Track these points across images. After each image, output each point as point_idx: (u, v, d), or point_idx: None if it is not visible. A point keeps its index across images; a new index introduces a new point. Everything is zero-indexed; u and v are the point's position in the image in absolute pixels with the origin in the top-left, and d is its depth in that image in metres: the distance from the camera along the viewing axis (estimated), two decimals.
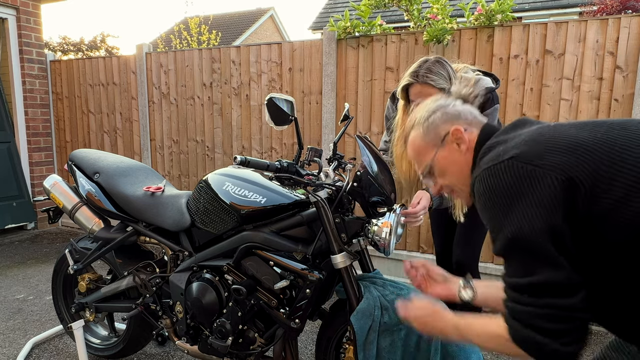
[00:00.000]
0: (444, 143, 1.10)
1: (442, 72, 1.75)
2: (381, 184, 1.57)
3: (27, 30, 4.85)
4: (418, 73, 1.75)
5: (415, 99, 1.80)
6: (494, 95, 1.84)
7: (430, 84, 1.73)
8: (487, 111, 1.83)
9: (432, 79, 1.73)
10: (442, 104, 1.14)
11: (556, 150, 0.87)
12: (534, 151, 0.88)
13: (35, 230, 5.04)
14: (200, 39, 11.82)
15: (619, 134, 0.87)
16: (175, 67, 4.29)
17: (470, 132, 1.08)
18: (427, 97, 1.75)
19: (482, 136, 1.06)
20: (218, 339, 1.74)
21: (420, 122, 1.14)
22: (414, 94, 1.79)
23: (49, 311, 2.96)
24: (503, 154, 0.92)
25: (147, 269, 2.05)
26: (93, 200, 2.10)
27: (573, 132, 0.90)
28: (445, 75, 1.75)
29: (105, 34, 14.66)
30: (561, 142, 0.88)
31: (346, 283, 1.57)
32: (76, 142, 5.03)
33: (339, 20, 3.45)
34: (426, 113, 1.14)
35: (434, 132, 1.11)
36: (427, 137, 1.12)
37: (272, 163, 1.57)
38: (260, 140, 3.95)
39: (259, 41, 13.12)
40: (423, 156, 1.14)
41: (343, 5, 12.19)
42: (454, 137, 1.08)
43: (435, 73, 1.74)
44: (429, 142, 1.12)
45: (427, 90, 1.74)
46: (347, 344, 1.68)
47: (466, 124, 1.09)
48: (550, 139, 0.90)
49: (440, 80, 1.74)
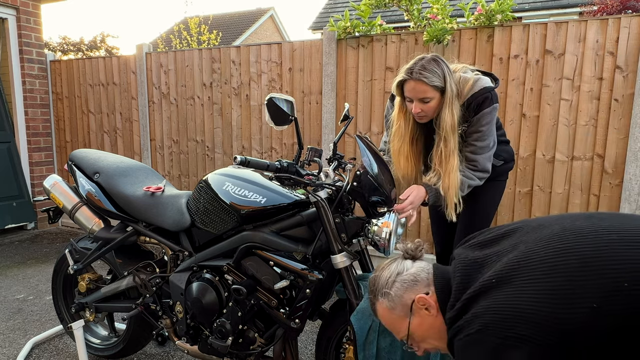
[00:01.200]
0: (412, 312, 1.12)
1: (436, 70, 1.76)
2: (381, 184, 1.57)
3: (27, 30, 4.85)
4: (413, 70, 1.76)
5: (409, 96, 1.81)
6: (493, 95, 1.84)
7: (423, 81, 1.74)
8: (485, 110, 1.83)
9: (426, 77, 1.74)
10: (396, 270, 1.17)
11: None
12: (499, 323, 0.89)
13: (35, 230, 5.04)
14: (201, 39, 11.82)
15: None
16: (175, 67, 4.29)
17: (432, 294, 1.11)
18: (421, 94, 1.77)
19: (441, 295, 1.08)
20: (218, 339, 1.74)
21: (384, 294, 1.16)
22: (408, 90, 1.81)
23: (49, 311, 2.96)
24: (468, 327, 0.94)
25: (147, 269, 2.05)
26: (93, 200, 2.10)
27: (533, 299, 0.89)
28: (439, 74, 1.76)
29: (105, 34, 14.64)
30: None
31: (346, 283, 1.57)
32: (76, 142, 5.03)
33: (339, 20, 3.45)
34: (386, 285, 1.16)
35: (400, 305, 1.14)
36: (396, 311, 1.14)
37: (272, 163, 1.57)
38: (260, 140, 3.95)
39: (259, 41, 13.12)
40: (399, 328, 1.16)
41: (343, 5, 12.19)
42: (420, 305, 1.11)
43: (429, 71, 1.75)
44: (399, 314, 1.14)
45: (420, 87, 1.76)
46: (347, 344, 1.68)
47: (426, 287, 1.12)
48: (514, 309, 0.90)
49: (434, 78, 1.75)
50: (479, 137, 1.87)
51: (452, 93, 1.78)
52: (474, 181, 1.89)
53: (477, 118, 1.84)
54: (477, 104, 1.83)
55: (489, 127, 1.86)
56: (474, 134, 1.87)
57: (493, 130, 1.89)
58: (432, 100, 1.79)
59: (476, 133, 1.87)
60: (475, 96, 1.83)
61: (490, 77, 1.91)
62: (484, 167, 1.89)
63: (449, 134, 1.80)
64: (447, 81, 1.77)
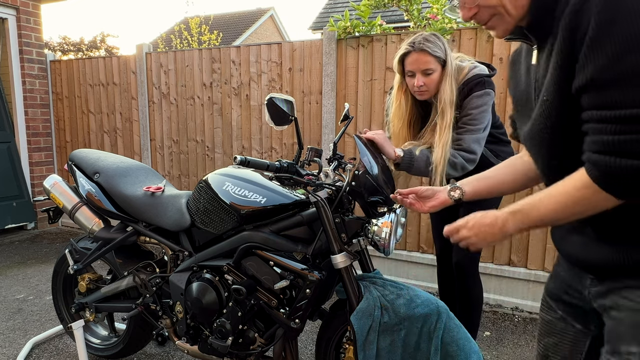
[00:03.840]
0: None
1: (438, 42, 1.81)
2: (380, 184, 1.57)
3: (27, 30, 4.85)
4: (415, 42, 1.80)
5: (411, 69, 1.83)
6: (487, 81, 1.84)
7: (426, 51, 1.78)
8: (476, 93, 1.83)
9: (428, 47, 1.78)
10: None
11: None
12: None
13: (35, 230, 5.04)
14: (201, 39, 11.83)
15: None
16: (175, 67, 4.29)
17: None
18: (423, 65, 1.79)
19: None
20: (218, 339, 1.74)
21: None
22: (410, 62, 1.83)
23: (49, 311, 2.96)
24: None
25: (147, 269, 2.05)
26: (93, 200, 2.10)
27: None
28: (441, 46, 1.81)
29: (105, 34, 14.66)
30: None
31: (346, 283, 1.57)
32: (76, 142, 5.03)
33: (339, 20, 3.45)
34: None
35: None
36: None
37: (272, 163, 1.57)
38: (260, 140, 3.95)
39: (259, 41, 13.12)
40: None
41: (343, 5, 12.19)
42: None
43: (431, 42, 1.79)
44: None
45: (423, 57, 1.79)
46: (347, 344, 1.68)
47: None
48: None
49: (436, 49, 1.79)
50: (468, 120, 1.85)
51: (452, 68, 1.82)
52: (457, 159, 1.83)
53: (467, 101, 1.84)
54: (469, 88, 1.84)
55: (479, 112, 1.84)
56: (464, 117, 1.86)
57: (485, 117, 1.85)
58: (434, 73, 1.81)
59: (466, 116, 1.86)
60: (468, 81, 1.84)
61: (488, 67, 1.91)
62: (468, 146, 1.84)
63: (446, 107, 1.82)
64: (447, 54, 1.81)
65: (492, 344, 2.59)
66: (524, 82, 1.00)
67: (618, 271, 0.86)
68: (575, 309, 1.01)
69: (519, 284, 3.05)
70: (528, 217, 0.90)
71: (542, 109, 0.88)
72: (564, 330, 1.04)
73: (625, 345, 0.84)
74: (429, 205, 1.27)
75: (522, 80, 1.02)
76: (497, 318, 2.93)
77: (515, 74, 1.06)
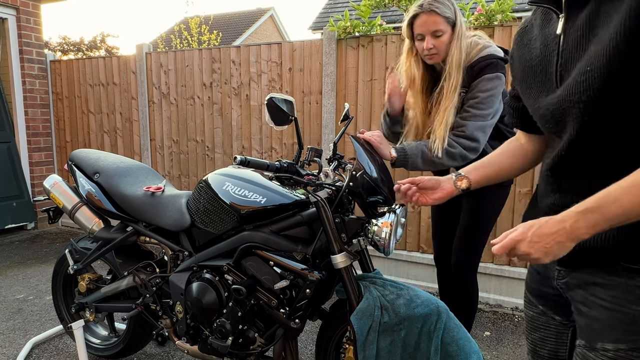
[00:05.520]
0: None
1: (447, 2, 1.77)
2: (379, 184, 1.57)
3: (27, 30, 4.85)
4: (423, 3, 1.77)
5: (421, 31, 1.79)
6: (499, 64, 1.78)
7: (435, 11, 1.74)
8: (487, 75, 1.76)
9: (437, 7, 1.75)
10: None
11: None
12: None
13: (35, 230, 5.04)
14: (201, 39, 11.83)
15: None
16: (175, 67, 4.29)
17: None
18: (433, 27, 1.75)
19: None
20: (218, 339, 1.74)
21: None
22: (419, 25, 1.79)
23: (49, 311, 2.96)
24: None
25: (147, 269, 2.05)
26: (93, 200, 2.10)
27: None
28: (450, 6, 1.77)
29: (105, 34, 14.67)
30: None
31: (346, 283, 1.57)
32: (76, 142, 5.03)
33: (339, 20, 3.45)
34: None
35: None
36: None
37: (272, 163, 1.57)
38: (260, 140, 3.95)
39: (259, 41, 13.12)
40: None
41: (343, 5, 12.19)
42: None
43: (440, 2, 1.76)
44: None
45: (432, 18, 1.75)
46: (347, 344, 1.68)
47: None
48: None
49: (445, 9, 1.75)
50: (475, 103, 1.76)
51: (461, 29, 1.77)
52: (456, 149, 1.75)
53: (476, 82, 1.78)
54: (480, 68, 1.77)
55: (488, 96, 1.75)
56: (471, 99, 1.78)
57: (493, 102, 1.76)
58: (444, 35, 1.77)
59: (473, 99, 1.77)
60: (480, 60, 1.78)
61: (503, 51, 1.84)
62: (471, 133, 1.74)
63: (453, 69, 1.77)
64: (457, 15, 1.77)
65: (492, 344, 2.59)
66: (539, 53, 0.95)
67: (582, 258, 0.87)
68: (553, 302, 1.03)
69: (519, 284, 3.05)
70: (606, 214, 0.76)
71: (580, 79, 0.80)
72: (546, 324, 1.06)
73: (601, 342, 0.86)
74: (434, 197, 1.19)
75: (535, 51, 0.96)
76: (497, 318, 2.93)
77: (525, 45, 1.00)
